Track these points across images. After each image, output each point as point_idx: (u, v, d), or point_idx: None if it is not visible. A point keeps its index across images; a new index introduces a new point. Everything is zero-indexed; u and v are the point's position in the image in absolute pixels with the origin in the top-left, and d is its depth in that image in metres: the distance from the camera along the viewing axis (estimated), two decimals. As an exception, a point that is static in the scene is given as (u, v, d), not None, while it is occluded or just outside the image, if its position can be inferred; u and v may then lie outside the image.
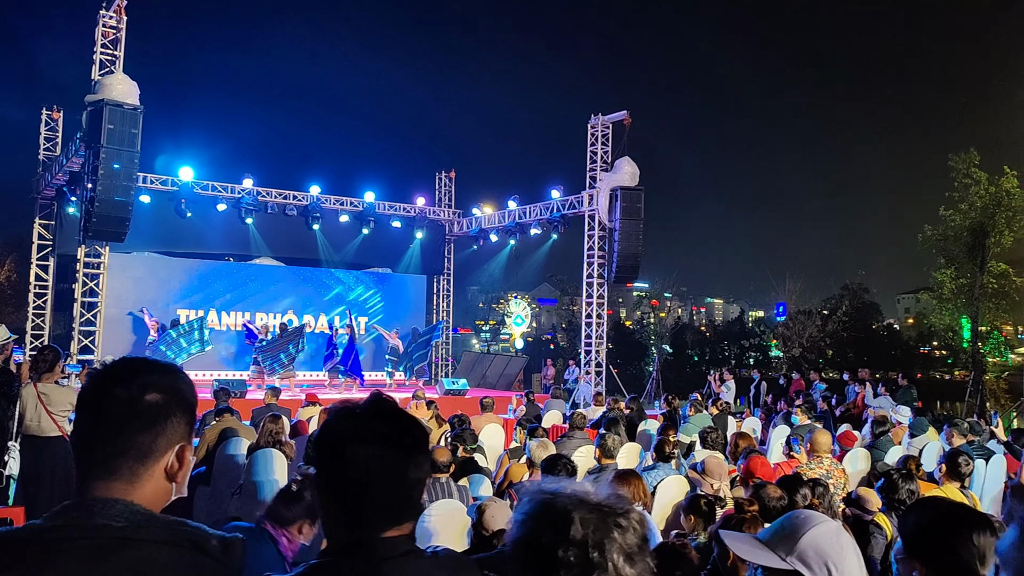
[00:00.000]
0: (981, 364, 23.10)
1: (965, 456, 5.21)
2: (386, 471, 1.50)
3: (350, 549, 1.50)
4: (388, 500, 1.51)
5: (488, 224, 23.04)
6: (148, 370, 1.46)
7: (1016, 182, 20.75)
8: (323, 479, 1.55)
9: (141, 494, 1.41)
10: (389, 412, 1.57)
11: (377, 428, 1.52)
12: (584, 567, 1.14)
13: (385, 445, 1.51)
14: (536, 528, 1.20)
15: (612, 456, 6.41)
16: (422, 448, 1.58)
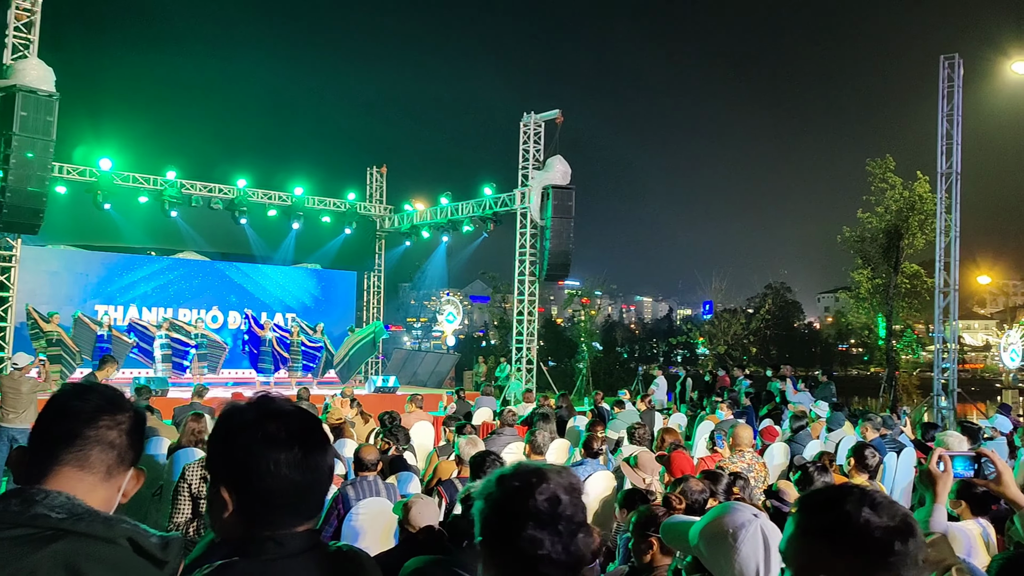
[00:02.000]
0: (895, 361, 24.08)
1: (871, 448, 5.42)
2: (282, 467, 1.49)
3: (254, 546, 1.49)
4: (286, 497, 1.50)
5: (420, 220, 22.91)
6: (128, 400, 1.64)
7: (928, 187, 21.67)
8: (219, 478, 1.53)
9: (100, 495, 1.48)
10: (279, 410, 1.56)
11: (269, 426, 1.52)
12: (550, 514, 1.42)
13: (278, 442, 1.50)
14: (507, 486, 1.47)
15: (541, 452, 6.46)
16: (318, 444, 1.56)
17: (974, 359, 72.08)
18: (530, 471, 1.49)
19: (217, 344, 18.60)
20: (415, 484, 6.06)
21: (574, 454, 7.85)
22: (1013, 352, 22.05)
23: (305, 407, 7.37)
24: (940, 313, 17.88)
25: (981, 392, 36.57)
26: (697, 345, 36.25)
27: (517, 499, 1.44)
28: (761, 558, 1.86)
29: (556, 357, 38.21)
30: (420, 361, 24.64)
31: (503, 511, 1.45)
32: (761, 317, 32.47)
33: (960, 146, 17.45)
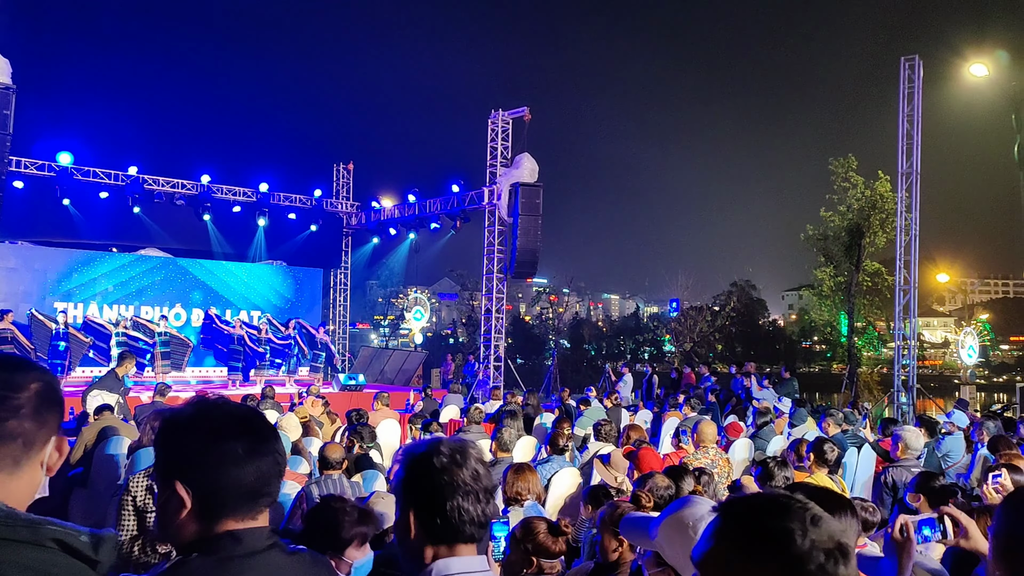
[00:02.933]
0: (856, 358, 24.50)
1: (830, 443, 5.52)
2: (230, 458, 1.50)
3: (210, 544, 1.48)
4: (238, 489, 1.51)
5: (387, 217, 22.80)
6: (29, 365, 1.47)
7: (889, 186, 22.06)
8: (172, 475, 1.52)
9: (16, 486, 1.38)
10: (217, 404, 1.60)
11: (212, 419, 1.55)
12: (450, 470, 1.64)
13: (223, 433, 1.52)
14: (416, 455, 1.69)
15: (508, 449, 6.48)
16: (264, 434, 1.57)
17: (933, 355, 73.60)
18: (455, 447, 1.68)
19: (181, 342, 18.34)
20: (381, 482, 6.02)
21: (540, 451, 7.88)
22: (970, 349, 22.55)
23: (270, 405, 7.27)
24: (900, 310, 18.21)
25: (940, 388, 37.38)
26: (664, 342, 36.64)
27: (447, 473, 1.64)
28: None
29: (524, 354, 38.37)
30: (387, 359, 24.51)
31: (435, 483, 1.63)
32: (726, 315, 32.90)
33: (920, 146, 17.79)
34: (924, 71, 17.99)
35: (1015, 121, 21.22)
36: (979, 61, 20.47)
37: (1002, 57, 21.54)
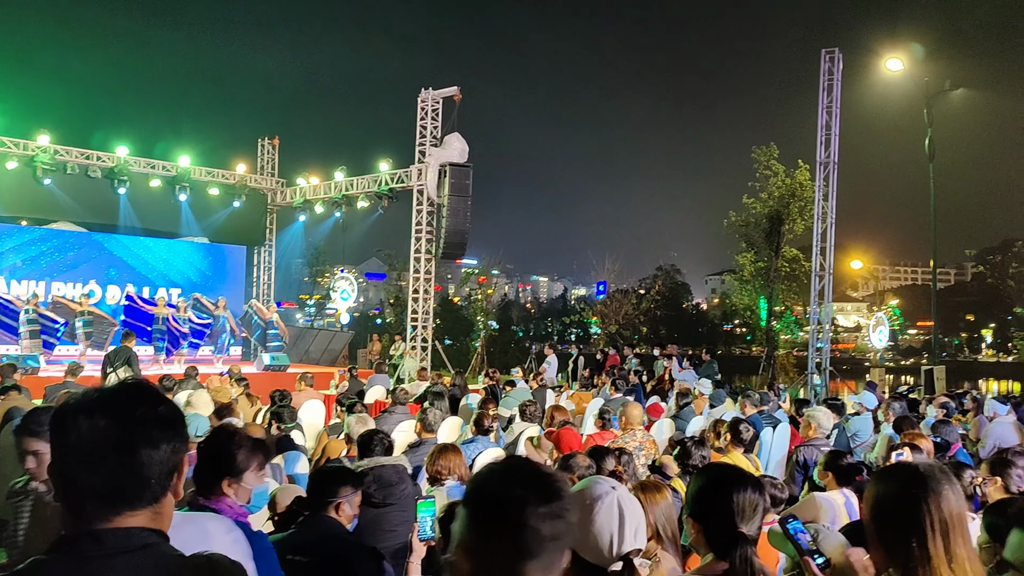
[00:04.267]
0: (774, 341, 25.32)
1: (746, 424, 5.70)
2: (84, 438, 1.37)
3: (68, 543, 1.37)
4: (94, 478, 1.37)
5: (314, 195, 22.37)
6: None
7: (808, 175, 22.77)
8: (53, 469, 1.43)
9: None
10: (96, 388, 1.47)
11: (80, 398, 1.43)
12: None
13: (80, 410, 1.39)
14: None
15: (432, 430, 6.48)
16: (155, 422, 1.43)
17: (846, 339, 76.65)
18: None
19: (106, 321, 17.66)
20: (303, 463, 5.96)
21: (465, 431, 7.90)
22: (880, 333, 23.56)
23: (193, 386, 7.08)
24: (815, 295, 18.86)
25: (852, 370, 38.97)
26: (590, 324, 37.03)
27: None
28: (615, 528, 1.93)
29: (452, 335, 38.28)
30: (313, 339, 24.16)
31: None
32: (651, 298, 33.48)
33: (838, 137, 18.37)
34: (844, 64, 18.55)
35: (927, 115, 22.13)
36: (895, 56, 21.25)
37: (916, 51, 22.42)
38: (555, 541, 1.40)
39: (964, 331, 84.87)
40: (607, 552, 1.93)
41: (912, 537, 1.90)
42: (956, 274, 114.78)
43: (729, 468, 2.37)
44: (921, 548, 1.88)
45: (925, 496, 1.94)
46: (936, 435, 7.09)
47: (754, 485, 2.22)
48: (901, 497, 1.97)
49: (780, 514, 4.15)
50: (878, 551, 1.98)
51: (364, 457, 4.63)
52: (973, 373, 59.83)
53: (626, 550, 1.93)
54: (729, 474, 2.28)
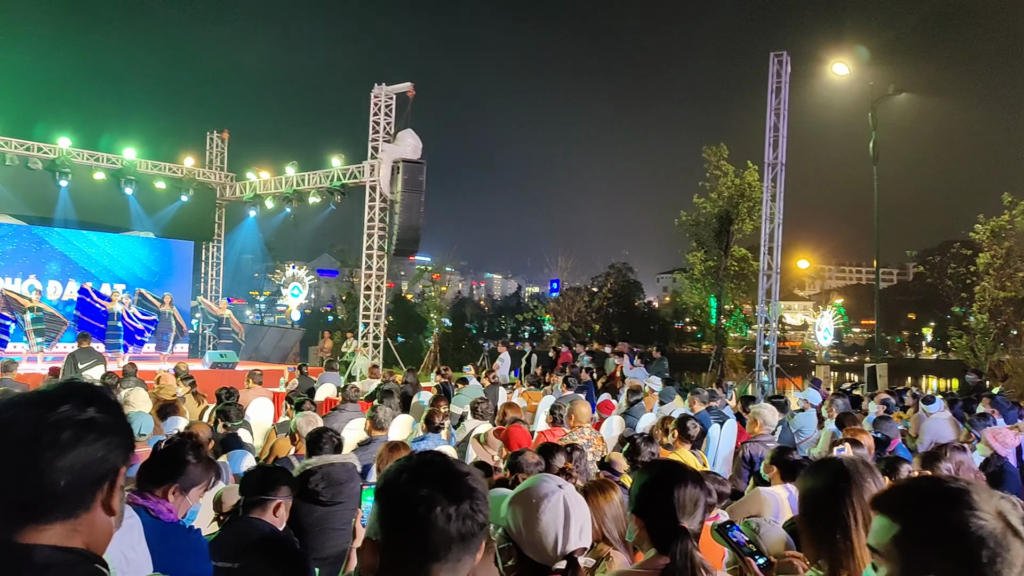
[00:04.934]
0: (724, 338, 25.72)
1: (693, 420, 5.79)
2: (7, 451, 1.25)
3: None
4: (9, 491, 1.24)
5: (264, 190, 22.03)
6: None
7: (757, 175, 23.14)
8: None
9: None
10: (46, 389, 1.35)
11: (11, 401, 1.31)
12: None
13: (8, 415, 1.27)
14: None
15: (383, 428, 6.43)
16: (73, 426, 1.28)
17: (793, 337, 78.23)
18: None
19: (55, 318, 17.16)
20: (249, 461, 5.87)
21: (417, 429, 7.87)
22: (826, 331, 24.09)
23: (134, 383, 6.91)
24: (763, 294, 19.22)
25: (798, 368, 39.74)
26: (543, 322, 37.15)
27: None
28: (560, 527, 1.95)
29: (405, 333, 38.09)
30: (263, 336, 23.82)
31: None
32: (604, 296, 33.73)
33: (786, 139, 18.74)
34: (792, 67, 18.92)
35: (871, 118, 22.68)
36: (841, 60, 21.74)
37: (861, 53, 22.96)
38: (464, 541, 1.39)
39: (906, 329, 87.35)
40: (552, 551, 1.94)
41: (836, 529, 1.97)
42: (899, 274, 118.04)
43: (670, 464, 2.40)
44: (845, 539, 1.95)
45: (848, 489, 2.01)
46: (877, 431, 7.28)
47: (695, 480, 2.25)
48: (826, 491, 2.05)
49: (725, 509, 4.23)
50: (808, 543, 2.05)
51: (312, 455, 4.58)
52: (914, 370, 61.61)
53: (571, 549, 1.95)
54: (670, 470, 2.31)
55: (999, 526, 1.29)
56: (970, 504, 1.31)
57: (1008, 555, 1.27)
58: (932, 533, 1.32)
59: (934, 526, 1.33)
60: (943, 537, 1.31)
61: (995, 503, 1.32)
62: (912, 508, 1.37)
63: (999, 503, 1.33)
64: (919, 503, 1.37)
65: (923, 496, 1.39)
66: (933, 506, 1.35)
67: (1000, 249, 21.85)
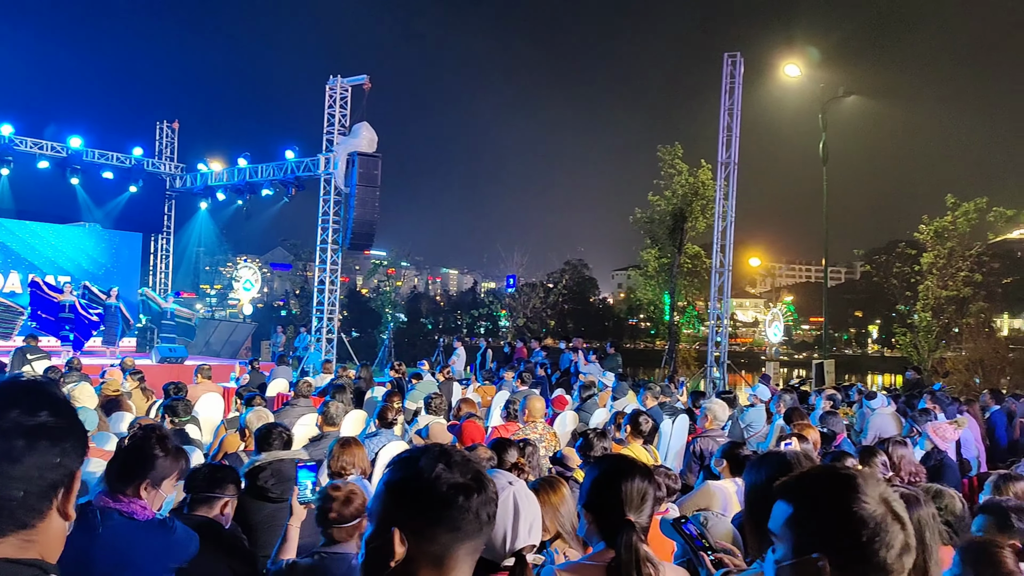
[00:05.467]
0: (677, 335, 26.03)
1: (645, 416, 5.86)
2: None
3: None
4: None
5: (215, 181, 21.61)
6: None
7: (710, 174, 23.44)
8: None
9: None
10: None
11: None
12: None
13: None
14: None
15: (335, 423, 6.38)
16: (23, 432, 1.21)
17: (744, 334, 79.58)
18: None
19: (12, 309, 16.62)
20: (197, 458, 5.76)
21: (370, 425, 7.81)
22: (776, 328, 24.56)
23: (77, 378, 6.74)
24: (715, 291, 19.50)
25: (749, 364, 40.52)
26: (499, 317, 37.19)
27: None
28: (510, 523, 1.95)
29: (360, 327, 37.81)
30: (213, 330, 23.42)
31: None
32: (559, 291, 33.88)
33: (739, 138, 19.02)
34: (745, 68, 19.22)
35: (821, 120, 23.14)
36: (793, 62, 22.14)
37: (812, 54, 23.41)
38: (488, 526, 1.48)
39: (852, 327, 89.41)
40: (500, 547, 1.94)
41: None
42: (846, 273, 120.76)
43: (620, 458, 2.42)
44: None
45: None
46: (823, 426, 7.45)
47: (644, 474, 2.27)
48: (769, 484, 2.07)
49: (675, 503, 4.28)
50: (753, 535, 2.09)
51: (262, 451, 4.52)
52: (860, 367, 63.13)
53: (519, 546, 1.95)
54: (619, 464, 2.34)
55: (881, 510, 1.39)
56: (856, 489, 1.41)
57: (887, 536, 1.37)
58: (820, 515, 1.42)
59: (822, 508, 1.42)
60: (829, 518, 1.41)
61: (880, 490, 1.43)
62: (804, 492, 1.47)
63: (884, 490, 1.43)
64: (810, 487, 1.47)
65: (814, 481, 1.49)
66: (823, 490, 1.45)
67: (943, 249, 22.50)
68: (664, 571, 2.20)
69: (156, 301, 18.67)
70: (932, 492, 3.39)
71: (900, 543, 1.38)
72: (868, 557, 1.36)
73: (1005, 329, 59.63)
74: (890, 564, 1.37)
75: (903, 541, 1.38)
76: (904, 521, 1.41)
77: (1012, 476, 4.20)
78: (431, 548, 1.43)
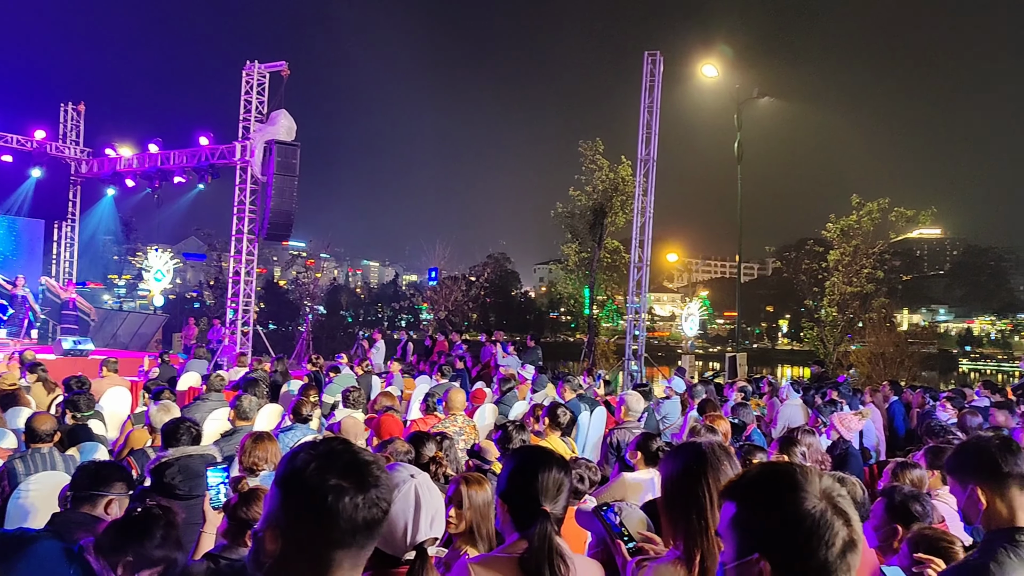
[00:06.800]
0: (596, 328, 26.39)
1: (563, 408, 5.91)
2: None
3: None
4: None
5: (125, 167, 20.74)
6: None
7: (630, 170, 23.81)
8: None
9: None
10: None
11: None
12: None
13: None
14: None
15: (247, 418, 6.22)
16: None
17: (662, 327, 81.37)
18: None
19: None
20: (102, 454, 5.54)
21: (285, 419, 7.65)
22: (691, 322, 25.15)
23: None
24: (634, 286, 19.85)
25: (666, 357, 41.37)
26: (421, 310, 36.98)
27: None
28: (410, 517, 1.93)
29: (277, 320, 37.05)
30: (122, 322, 22.52)
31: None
32: (481, 285, 33.88)
33: (658, 136, 19.38)
34: (665, 67, 19.56)
35: (737, 120, 23.79)
36: (710, 62, 22.66)
37: (728, 54, 24.03)
38: (369, 529, 1.41)
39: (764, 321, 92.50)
40: (401, 541, 1.92)
41: (693, 509, 2.04)
42: (759, 269, 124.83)
43: (537, 450, 2.43)
44: (700, 519, 2.02)
45: (705, 472, 2.09)
46: (734, 417, 7.67)
47: (560, 466, 2.29)
48: (683, 473, 2.12)
49: (592, 494, 4.34)
50: (667, 523, 2.12)
51: (169, 447, 4.37)
52: (771, 360, 65.39)
53: (421, 539, 1.93)
54: (536, 455, 2.35)
55: (823, 506, 1.36)
56: (797, 487, 1.38)
57: (828, 535, 1.34)
58: (761, 513, 1.39)
59: (762, 507, 1.39)
60: (769, 517, 1.38)
61: (825, 485, 1.40)
62: (746, 491, 1.44)
63: (827, 484, 1.40)
64: (752, 486, 1.44)
65: (755, 480, 1.46)
66: (764, 489, 1.42)
67: (848, 247, 23.47)
68: (576, 564, 2.22)
69: (56, 291, 17.79)
70: (836, 479, 3.53)
71: (842, 541, 1.34)
72: (808, 556, 1.33)
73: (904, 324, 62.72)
74: (831, 563, 1.33)
75: (846, 538, 1.35)
76: (849, 517, 1.37)
77: (909, 464, 4.42)
78: (307, 548, 1.38)
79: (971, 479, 2.34)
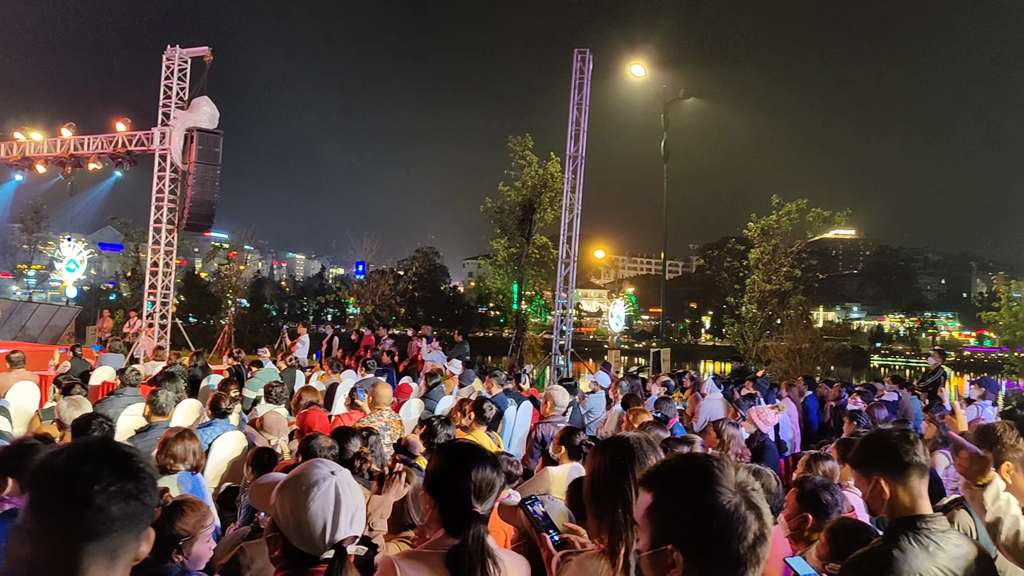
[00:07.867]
0: (524, 323, 26.51)
1: (489, 403, 5.94)
2: None
3: None
4: None
5: (34, 152, 19.82)
6: None
7: (559, 167, 23.97)
8: None
9: None
10: None
11: None
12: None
13: None
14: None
15: (164, 413, 6.04)
16: None
17: (589, 323, 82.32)
18: None
19: None
20: (5, 453, 5.29)
21: (204, 414, 7.45)
22: (617, 318, 25.51)
23: None
24: (561, 281, 20.01)
25: (592, 352, 41.89)
26: (347, 304, 36.47)
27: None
28: (330, 515, 1.90)
29: (197, 313, 36.01)
30: (31, 314, 21.58)
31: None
32: (409, 279, 33.61)
33: (587, 133, 19.55)
34: (595, 65, 19.74)
35: (663, 120, 24.22)
36: (638, 62, 22.99)
37: (655, 54, 24.40)
38: (125, 522, 1.35)
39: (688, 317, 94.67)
40: (319, 539, 1.88)
41: (618, 503, 2.05)
42: (683, 266, 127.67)
43: (469, 447, 2.40)
44: (625, 513, 2.02)
45: (631, 465, 2.10)
46: (657, 411, 7.82)
47: (493, 465, 2.27)
48: (610, 467, 2.13)
49: (516, 489, 4.36)
50: (592, 517, 2.13)
51: (80, 444, 4.20)
52: (694, 355, 66.93)
53: (340, 538, 1.90)
54: (469, 454, 2.31)
55: (736, 499, 1.39)
56: (713, 479, 1.41)
57: (741, 528, 1.38)
58: (676, 504, 1.42)
59: (678, 498, 1.42)
60: (684, 508, 1.41)
61: (740, 479, 1.43)
62: (663, 482, 1.47)
63: (742, 477, 1.44)
64: (669, 477, 1.47)
65: (673, 471, 1.48)
66: (680, 479, 1.45)
67: (768, 246, 24.16)
68: (505, 561, 2.23)
69: None
70: (751, 471, 3.64)
71: (753, 534, 1.37)
72: (719, 548, 1.36)
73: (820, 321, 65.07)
74: (742, 555, 1.36)
75: (757, 532, 1.38)
76: (760, 511, 1.40)
77: (821, 456, 4.61)
78: (51, 544, 1.31)
79: (875, 471, 2.43)
